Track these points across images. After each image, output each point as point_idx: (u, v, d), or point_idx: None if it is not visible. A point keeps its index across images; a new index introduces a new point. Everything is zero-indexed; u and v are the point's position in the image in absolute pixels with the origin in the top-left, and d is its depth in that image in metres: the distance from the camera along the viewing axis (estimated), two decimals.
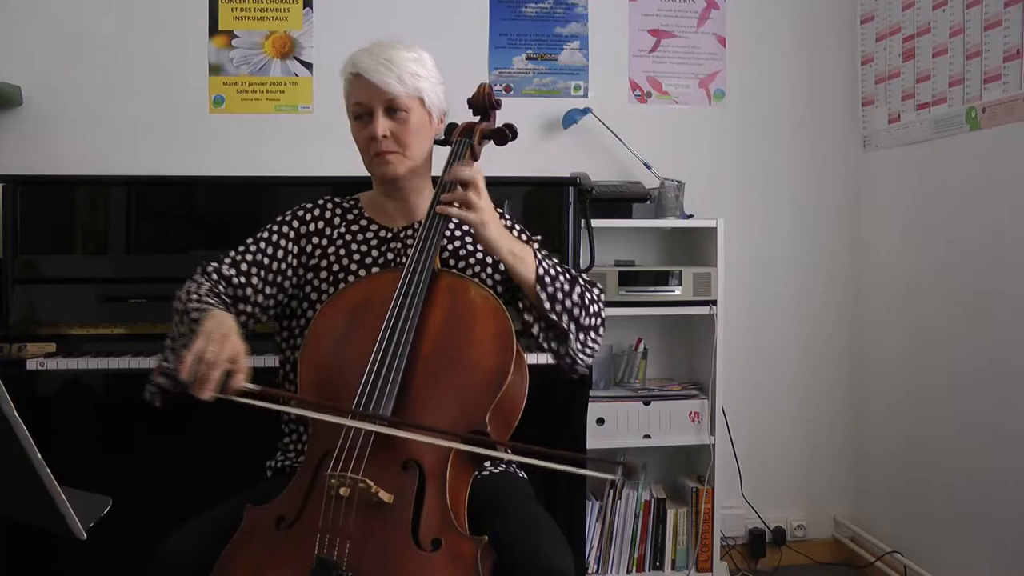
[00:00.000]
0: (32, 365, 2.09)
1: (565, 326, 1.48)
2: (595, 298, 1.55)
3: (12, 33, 2.61)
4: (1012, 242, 2.20)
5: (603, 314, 1.56)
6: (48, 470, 0.92)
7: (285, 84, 2.75)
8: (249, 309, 1.53)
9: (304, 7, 2.75)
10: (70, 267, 2.29)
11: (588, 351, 1.53)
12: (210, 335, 1.29)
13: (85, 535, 0.97)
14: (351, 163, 2.19)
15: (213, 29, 2.72)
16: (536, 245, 1.58)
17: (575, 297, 1.49)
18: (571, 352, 1.50)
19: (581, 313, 1.50)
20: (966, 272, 2.38)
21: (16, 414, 0.89)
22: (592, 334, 1.53)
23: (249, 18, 2.73)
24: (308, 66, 2.75)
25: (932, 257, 2.54)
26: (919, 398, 2.59)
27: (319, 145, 2.67)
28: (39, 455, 0.91)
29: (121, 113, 2.66)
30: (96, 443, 2.33)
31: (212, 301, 1.45)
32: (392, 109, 1.50)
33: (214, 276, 1.53)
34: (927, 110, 2.52)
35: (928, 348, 2.55)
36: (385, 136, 1.50)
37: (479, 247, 1.58)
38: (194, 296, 1.45)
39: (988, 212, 2.29)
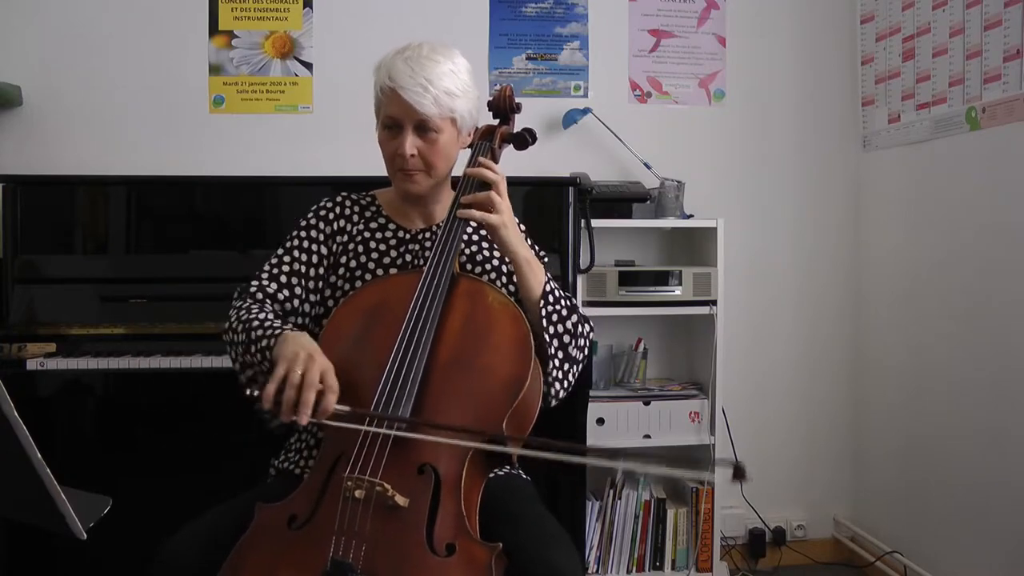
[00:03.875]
0: (32, 365, 2.09)
1: (553, 350, 1.47)
2: (586, 333, 1.54)
3: (12, 33, 2.61)
4: (1012, 242, 2.20)
5: (587, 352, 1.55)
6: (48, 470, 0.92)
7: (285, 84, 2.75)
8: (299, 321, 1.51)
9: (304, 7, 2.75)
10: (70, 267, 2.29)
11: (567, 383, 1.50)
12: (295, 358, 1.26)
13: (85, 535, 0.97)
14: (351, 163, 2.20)
15: (213, 29, 2.72)
16: (545, 262, 1.57)
17: (569, 324, 1.49)
18: (548, 376, 1.47)
19: (571, 341, 1.49)
20: (966, 272, 2.38)
21: (16, 414, 0.89)
22: (575, 367, 1.51)
23: (249, 18, 2.73)
24: (308, 66, 2.75)
25: (932, 257, 2.54)
26: (919, 398, 2.59)
27: (319, 145, 2.68)
28: (39, 455, 0.91)
29: (121, 113, 2.66)
30: (96, 443, 2.33)
31: (278, 323, 1.40)
32: (423, 128, 1.48)
33: (259, 296, 1.49)
34: (927, 110, 2.52)
35: (928, 348, 2.55)
36: (412, 155, 1.48)
37: (495, 254, 1.58)
38: (255, 322, 1.39)
39: (988, 212, 2.29)
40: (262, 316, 1.42)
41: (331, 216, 1.59)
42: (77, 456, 2.26)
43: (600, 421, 2.58)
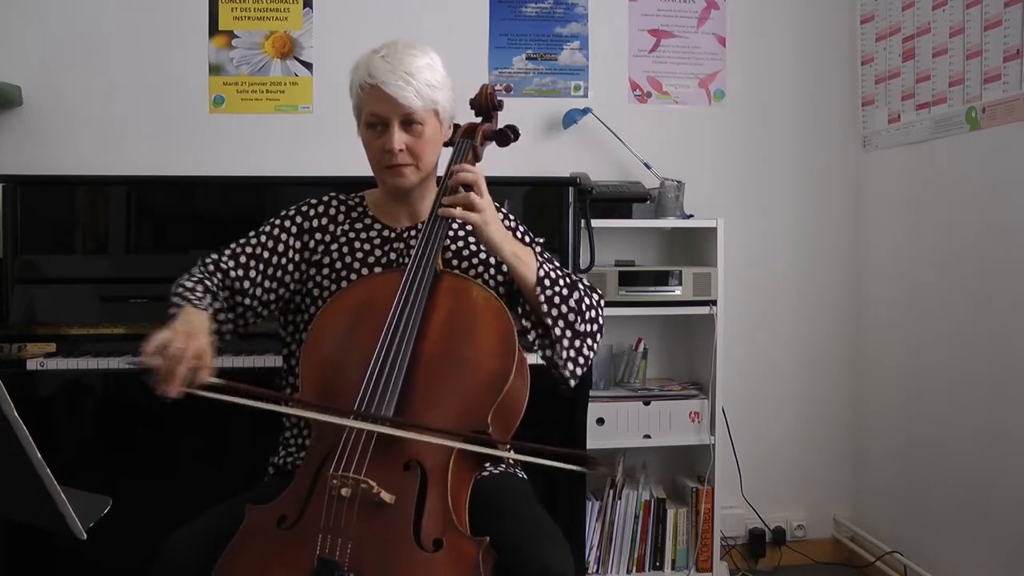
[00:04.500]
0: (32, 365, 2.09)
1: (560, 332, 1.47)
2: (593, 304, 1.54)
3: (12, 33, 2.61)
4: (1012, 242, 2.20)
5: (601, 321, 1.56)
6: (48, 470, 0.92)
7: (285, 84, 2.75)
8: (247, 302, 1.54)
9: (304, 7, 2.75)
10: (70, 267, 2.29)
11: (581, 359, 1.51)
12: (176, 331, 1.30)
13: (85, 535, 0.97)
14: (351, 163, 2.19)
15: (213, 29, 2.72)
16: (539, 248, 1.58)
17: (572, 303, 1.49)
18: (560, 359, 1.49)
19: (577, 319, 1.49)
20: (966, 272, 2.38)
21: (16, 414, 0.89)
22: (588, 341, 1.52)
23: (249, 18, 2.73)
24: (308, 66, 2.75)
25: (932, 257, 2.54)
26: (919, 398, 2.59)
27: (319, 145, 2.68)
28: (39, 455, 0.91)
29: (121, 113, 2.66)
30: (96, 443, 2.32)
31: (193, 297, 1.45)
32: (408, 122, 1.50)
33: (210, 267, 1.54)
34: (927, 110, 2.52)
35: (928, 348, 2.55)
36: (401, 150, 1.50)
37: (482, 248, 1.59)
38: (179, 289, 1.47)
39: (988, 212, 2.29)
40: (190, 285, 1.48)
41: (312, 213, 1.62)
42: (77, 456, 2.26)
43: (600, 421, 2.58)
